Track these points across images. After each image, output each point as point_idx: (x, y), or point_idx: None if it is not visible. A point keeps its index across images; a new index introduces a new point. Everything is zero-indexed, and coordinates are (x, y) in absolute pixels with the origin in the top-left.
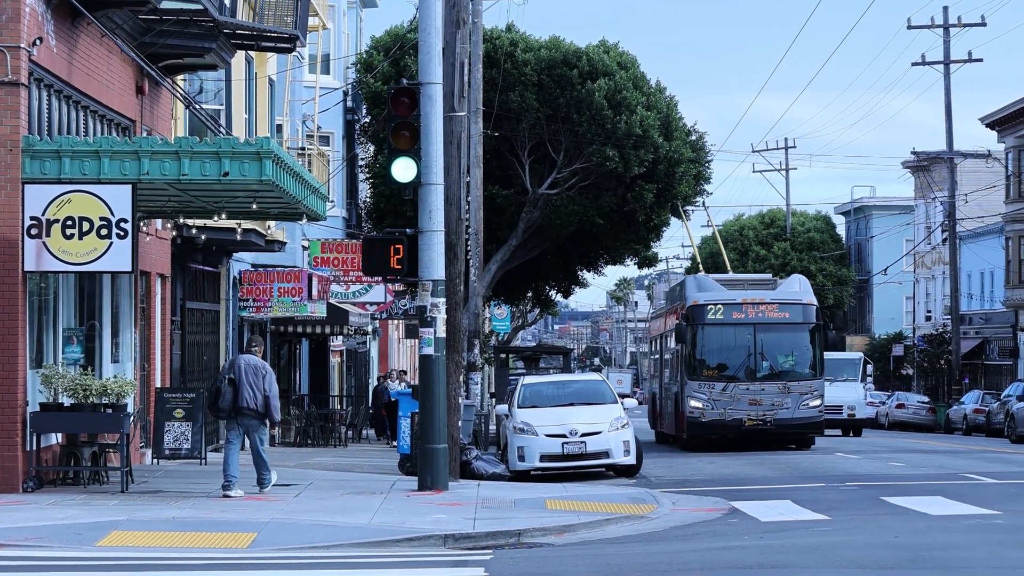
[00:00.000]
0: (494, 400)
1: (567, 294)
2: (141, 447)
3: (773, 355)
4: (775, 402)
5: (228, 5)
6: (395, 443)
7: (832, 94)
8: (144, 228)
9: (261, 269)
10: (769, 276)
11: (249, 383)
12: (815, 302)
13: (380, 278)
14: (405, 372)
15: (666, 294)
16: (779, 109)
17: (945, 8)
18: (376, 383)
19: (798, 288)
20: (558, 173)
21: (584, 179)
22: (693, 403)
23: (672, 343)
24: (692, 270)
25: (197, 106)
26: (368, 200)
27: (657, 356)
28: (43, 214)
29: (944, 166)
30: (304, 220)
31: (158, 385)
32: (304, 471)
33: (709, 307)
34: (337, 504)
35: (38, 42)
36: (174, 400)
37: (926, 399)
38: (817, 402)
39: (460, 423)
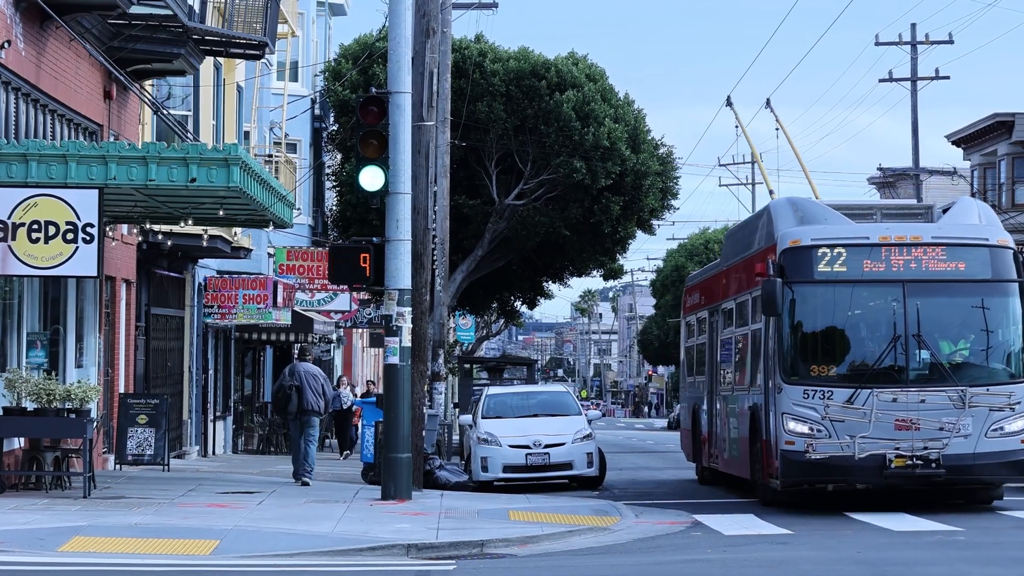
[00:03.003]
0: (458, 410)
1: (532, 305)
2: (104, 452)
3: (937, 339)
4: (944, 424)
5: (197, 11)
6: (347, 453)
7: (799, 109)
8: (110, 233)
9: (226, 276)
10: (915, 201)
11: (311, 388)
12: (1011, 244)
13: (345, 286)
14: (374, 383)
15: (730, 236)
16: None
17: (913, 25)
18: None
19: (977, 219)
20: (525, 184)
21: (551, 190)
22: (793, 425)
23: (740, 320)
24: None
25: (165, 112)
26: (334, 208)
27: (704, 343)
28: (9, 217)
29: (910, 183)
30: (271, 227)
31: (122, 391)
32: (267, 479)
33: (822, 251)
34: (300, 512)
35: (6, 45)
36: (138, 406)
37: None
38: (1019, 424)
39: (424, 433)
